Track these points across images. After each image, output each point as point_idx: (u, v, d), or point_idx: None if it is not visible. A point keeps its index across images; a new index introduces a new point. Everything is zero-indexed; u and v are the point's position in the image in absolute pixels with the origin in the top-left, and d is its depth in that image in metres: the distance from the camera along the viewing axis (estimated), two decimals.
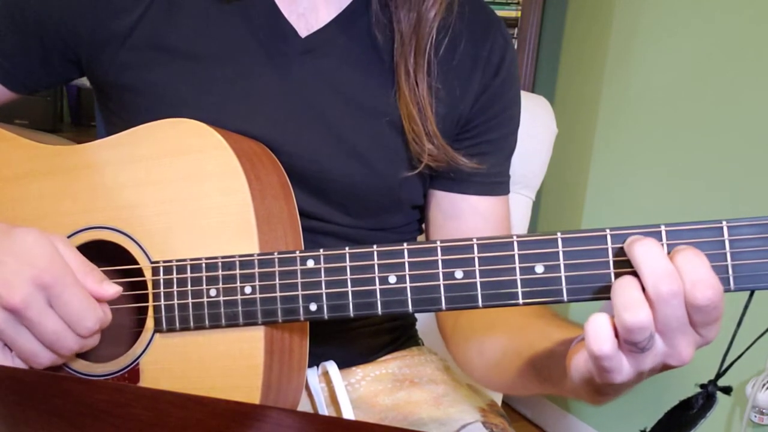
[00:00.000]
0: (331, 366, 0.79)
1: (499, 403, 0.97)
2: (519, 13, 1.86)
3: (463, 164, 0.76)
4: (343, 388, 0.78)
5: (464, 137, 0.78)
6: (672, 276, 0.46)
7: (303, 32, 0.74)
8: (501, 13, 1.84)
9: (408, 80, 0.73)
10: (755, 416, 1.48)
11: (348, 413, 0.76)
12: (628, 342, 0.46)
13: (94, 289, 0.60)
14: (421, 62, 0.73)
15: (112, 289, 0.61)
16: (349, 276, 0.57)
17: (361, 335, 0.84)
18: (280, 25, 0.74)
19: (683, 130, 1.61)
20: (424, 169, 0.75)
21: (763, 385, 1.45)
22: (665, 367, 0.49)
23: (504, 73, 0.78)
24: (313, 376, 0.80)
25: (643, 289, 0.46)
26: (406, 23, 0.73)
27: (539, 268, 0.52)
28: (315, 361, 0.78)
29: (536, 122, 1.10)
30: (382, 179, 0.75)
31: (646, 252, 0.47)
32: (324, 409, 0.78)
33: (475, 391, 0.86)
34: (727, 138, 1.52)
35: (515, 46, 1.82)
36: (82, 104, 2.05)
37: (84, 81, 0.80)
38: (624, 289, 0.47)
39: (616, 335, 0.46)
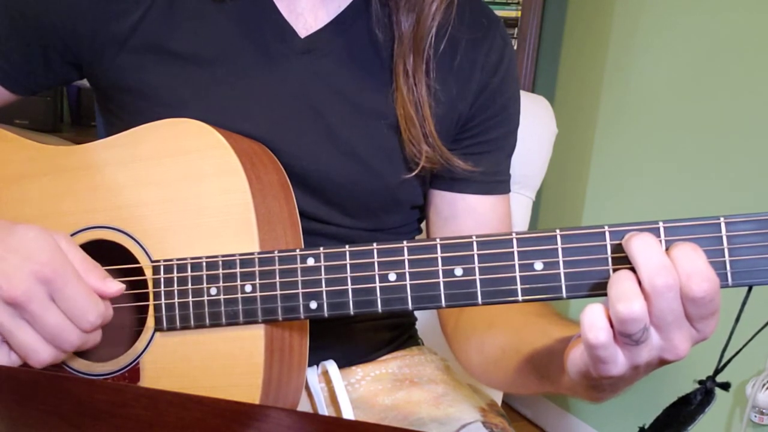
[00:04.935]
0: (331, 365, 0.79)
1: (500, 402, 0.97)
2: (519, 13, 1.86)
3: (458, 166, 0.76)
4: (342, 387, 0.78)
5: (464, 137, 0.78)
6: (667, 269, 0.46)
7: (302, 32, 0.74)
8: (501, 13, 1.84)
9: (407, 81, 0.73)
10: (755, 416, 1.48)
11: (348, 413, 0.76)
12: (622, 334, 0.46)
13: (98, 286, 0.60)
14: (420, 63, 0.73)
15: (116, 286, 0.61)
16: (349, 274, 0.58)
17: (361, 332, 0.84)
18: (279, 26, 0.74)
19: (683, 129, 1.61)
20: (422, 170, 0.75)
21: (763, 385, 1.44)
22: (662, 362, 0.49)
23: (502, 72, 0.78)
24: (312, 375, 0.80)
25: (640, 283, 0.47)
26: (405, 24, 0.73)
27: (538, 265, 0.52)
28: (315, 359, 0.78)
29: (536, 122, 1.10)
30: (381, 180, 0.76)
31: (642, 246, 0.47)
32: (324, 409, 0.78)
33: (475, 390, 0.86)
34: (726, 137, 1.52)
35: (515, 46, 1.83)
36: (82, 104, 2.05)
37: (84, 81, 0.80)
38: (619, 281, 0.47)
39: (612, 327, 0.47)
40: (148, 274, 0.64)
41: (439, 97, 0.75)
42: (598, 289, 0.51)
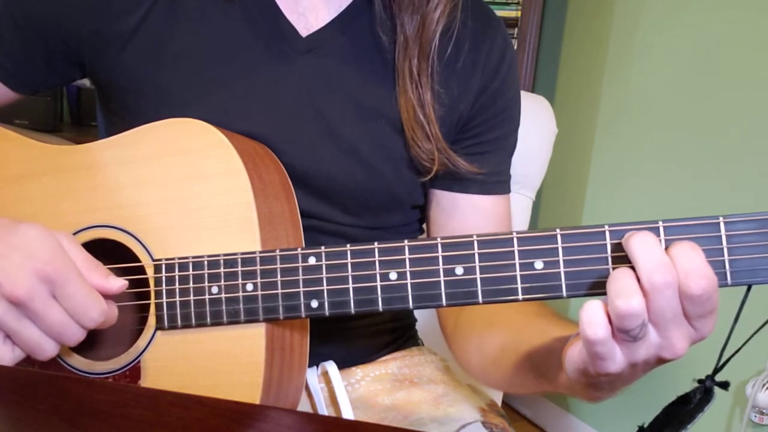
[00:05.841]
0: (331, 366, 0.79)
1: (500, 402, 0.97)
2: (519, 13, 1.87)
3: (463, 167, 0.76)
4: (342, 388, 0.78)
5: (465, 137, 0.78)
6: (666, 266, 0.46)
7: (303, 32, 0.74)
8: (501, 13, 1.84)
9: (412, 83, 0.73)
10: (755, 416, 1.48)
11: (348, 413, 0.76)
12: (620, 330, 0.47)
13: (100, 284, 0.60)
14: (426, 66, 0.73)
15: (118, 283, 0.61)
16: (350, 273, 0.58)
17: (361, 335, 0.84)
18: (280, 25, 0.74)
19: (683, 129, 1.61)
20: (423, 170, 0.75)
21: (763, 385, 1.45)
22: (660, 361, 0.49)
23: (503, 73, 0.78)
24: (312, 376, 0.80)
25: (639, 280, 0.47)
26: (409, 26, 0.73)
27: (539, 264, 0.53)
28: (315, 360, 0.78)
29: (536, 122, 1.10)
30: (382, 179, 0.76)
31: (641, 244, 0.47)
32: (324, 409, 0.78)
33: (475, 390, 0.86)
34: (726, 137, 1.52)
35: (515, 46, 1.83)
36: (82, 104, 2.05)
37: (84, 81, 0.80)
38: (618, 278, 0.47)
39: (611, 324, 0.47)
40: (150, 272, 0.64)
41: (442, 99, 0.75)
42: (598, 288, 0.51)
